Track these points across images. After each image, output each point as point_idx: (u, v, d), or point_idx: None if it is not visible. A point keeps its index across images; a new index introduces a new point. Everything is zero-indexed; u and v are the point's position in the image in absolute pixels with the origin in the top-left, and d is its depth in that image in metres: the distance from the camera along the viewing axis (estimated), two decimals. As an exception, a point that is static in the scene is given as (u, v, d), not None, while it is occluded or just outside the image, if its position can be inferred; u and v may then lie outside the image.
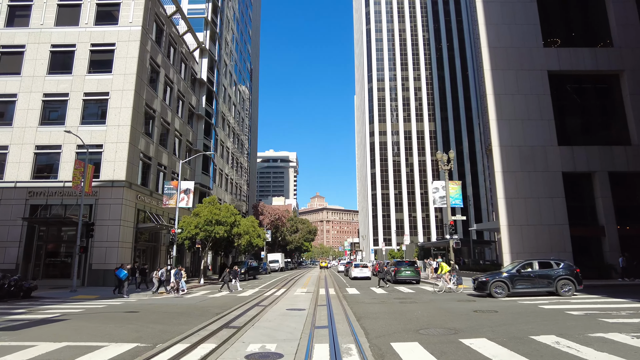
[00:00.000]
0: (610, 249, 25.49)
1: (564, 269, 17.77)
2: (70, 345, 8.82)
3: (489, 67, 28.32)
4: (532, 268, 17.98)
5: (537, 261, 18.37)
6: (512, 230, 26.06)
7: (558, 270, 17.72)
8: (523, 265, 18.13)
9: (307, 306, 15.75)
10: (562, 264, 18.04)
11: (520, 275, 17.71)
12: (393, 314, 13.17)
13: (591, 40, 29.47)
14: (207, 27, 46.95)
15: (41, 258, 27.48)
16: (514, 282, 17.60)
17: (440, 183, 28.32)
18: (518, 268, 17.93)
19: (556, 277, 17.55)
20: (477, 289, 18.30)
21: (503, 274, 18.09)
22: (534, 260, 18.48)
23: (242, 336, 9.68)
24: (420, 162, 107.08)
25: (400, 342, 8.70)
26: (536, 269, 17.91)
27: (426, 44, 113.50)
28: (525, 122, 27.38)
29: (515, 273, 17.77)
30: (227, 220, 32.48)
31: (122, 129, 27.94)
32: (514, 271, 17.87)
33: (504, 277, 17.77)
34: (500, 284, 17.63)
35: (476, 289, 18.34)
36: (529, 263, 18.26)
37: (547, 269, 17.88)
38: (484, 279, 18.14)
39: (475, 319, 11.72)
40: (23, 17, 30.30)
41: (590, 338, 8.56)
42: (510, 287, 17.53)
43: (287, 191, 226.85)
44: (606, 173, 26.62)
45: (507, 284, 17.57)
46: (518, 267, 18.02)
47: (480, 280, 18.23)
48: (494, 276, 18.07)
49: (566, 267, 17.88)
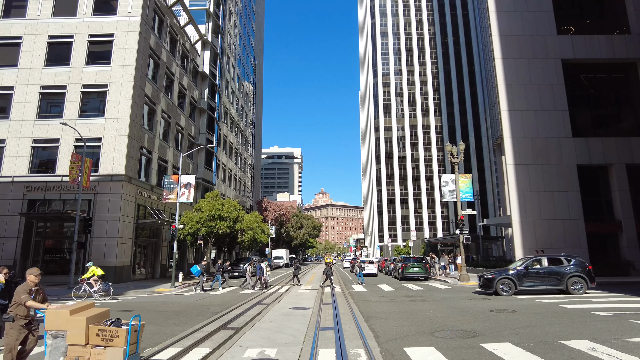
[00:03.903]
0: (628, 244, 24.45)
1: (575, 266, 16.81)
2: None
3: (500, 56, 27.22)
4: (541, 265, 17.08)
5: (546, 257, 17.48)
6: (525, 225, 25.07)
7: (569, 267, 16.78)
8: (532, 261, 17.24)
9: (311, 305, 14.91)
10: (574, 260, 17.08)
11: (528, 272, 16.83)
12: (403, 313, 12.30)
13: (607, 27, 28.28)
14: (209, 19, 46.05)
15: (40, 254, 26.85)
16: (521, 279, 16.73)
17: (450, 176, 27.35)
18: (526, 265, 17.04)
19: (567, 274, 16.61)
20: (482, 286, 17.45)
21: (510, 271, 17.21)
22: (543, 257, 17.61)
23: (240, 339, 8.85)
24: (426, 158, 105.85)
25: (415, 347, 7.83)
26: (545, 266, 17.01)
27: (432, 37, 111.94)
28: (538, 112, 26.30)
29: (523, 270, 16.89)
30: (230, 216, 31.74)
31: (121, 122, 27.17)
32: (521, 268, 16.98)
33: (510, 275, 16.90)
34: (507, 281, 16.75)
35: (482, 286, 17.49)
36: (538, 259, 17.37)
37: (557, 266, 16.95)
38: (489, 276, 17.30)
39: (493, 319, 10.82)
40: (20, 7, 29.53)
41: (630, 344, 7.62)
42: (518, 285, 16.66)
43: (291, 187, 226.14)
44: (623, 165, 25.53)
45: (514, 282, 16.70)
46: (526, 263, 17.13)
47: (486, 277, 17.40)
48: (501, 273, 17.20)
49: (578, 264, 16.91)
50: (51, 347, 5.89)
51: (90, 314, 6.03)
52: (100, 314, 6.19)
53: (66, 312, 5.88)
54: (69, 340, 5.80)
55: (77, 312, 6.00)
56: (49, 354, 5.86)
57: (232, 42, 56.81)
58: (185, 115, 38.29)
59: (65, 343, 5.83)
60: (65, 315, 5.85)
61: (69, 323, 5.82)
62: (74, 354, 5.76)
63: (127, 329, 5.80)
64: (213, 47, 46.52)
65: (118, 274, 25.39)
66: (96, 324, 5.95)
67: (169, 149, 34.40)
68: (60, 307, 6.24)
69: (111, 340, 5.75)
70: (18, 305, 6.21)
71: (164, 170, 33.42)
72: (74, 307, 6.09)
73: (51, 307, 6.17)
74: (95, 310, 6.27)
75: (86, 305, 6.37)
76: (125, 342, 5.73)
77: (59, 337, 5.88)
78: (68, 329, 5.82)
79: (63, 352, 5.85)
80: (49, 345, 5.90)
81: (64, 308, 6.07)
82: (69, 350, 5.80)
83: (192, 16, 39.65)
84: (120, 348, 5.70)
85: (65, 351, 5.84)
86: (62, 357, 5.84)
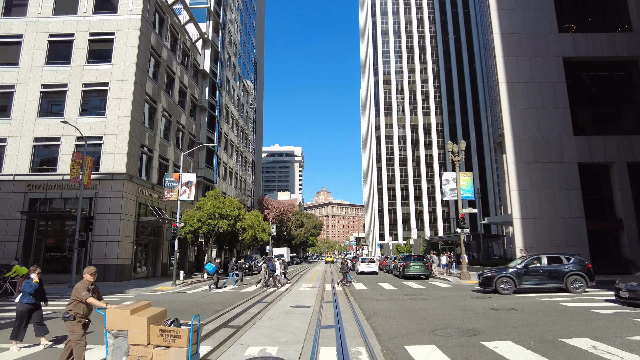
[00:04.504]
0: (629, 243, 24.41)
1: (575, 264, 16.86)
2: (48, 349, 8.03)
3: (501, 54, 27.14)
4: (541, 263, 17.16)
5: (545, 256, 17.56)
6: (526, 224, 25.05)
7: (568, 266, 16.85)
8: (531, 260, 17.33)
9: (312, 303, 14.92)
10: (573, 258, 17.14)
11: (527, 270, 16.89)
12: (404, 312, 12.30)
13: (609, 25, 28.19)
14: (209, 17, 45.97)
15: (41, 252, 26.89)
16: (521, 277, 16.78)
17: (451, 175, 27.32)
18: (526, 263, 17.11)
19: (566, 272, 16.66)
20: (482, 284, 17.46)
21: (509, 269, 17.25)
22: (543, 255, 17.71)
23: (241, 337, 8.85)
24: (427, 156, 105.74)
25: (416, 345, 7.83)
26: (545, 264, 17.08)
27: (433, 36, 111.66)
28: (539, 111, 26.24)
29: (523, 268, 16.95)
30: (230, 214, 31.74)
31: (122, 120, 27.18)
32: (521, 266, 17.05)
33: (510, 273, 16.93)
34: (507, 279, 16.79)
35: (481, 284, 17.50)
36: (537, 258, 17.45)
37: (557, 264, 17.01)
38: (489, 274, 17.34)
39: (494, 318, 10.82)
40: (20, 6, 29.51)
41: (632, 342, 7.62)
42: (517, 283, 16.71)
43: (292, 186, 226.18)
44: (625, 164, 25.48)
45: (513, 280, 16.74)
46: (525, 262, 17.21)
47: (485, 275, 17.44)
48: (500, 271, 17.25)
49: (577, 262, 16.96)
50: (113, 346, 5.80)
51: (150, 313, 5.92)
52: (159, 314, 6.08)
53: (127, 311, 5.80)
54: (130, 340, 5.72)
55: (136, 311, 5.93)
56: (112, 354, 5.78)
57: (232, 40, 56.74)
58: (186, 113, 38.28)
59: (127, 343, 5.75)
60: (126, 315, 5.77)
61: (130, 323, 5.74)
62: (136, 353, 5.68)
63: (189, 329, 5.70)
64: (214, 45, 46.47)
65: (119, 273, 25.44)
66: (156, 323, 5.84)
67: (170, 147, 34.41)
68: (119, 306, 6.11)
69: (173, 340, 5.64)
70: (78, 303, 6.11)
71: (165, 168, 33.44)
72: (133, 307, 5.99)
73: (110, 306, 6.05)
74: (154, 310, 6.15)
75: (144, 304, 6.25)
76: (187, 342, 5.63)
77: (120, 336, 5.79)
78: (129, 329, 5.73)
79: (125, 352, 5.76)
80: (111, 345, 5.81)
81: (124, 307, 5.98)
82: (130, 350, 5.72)
83: (192, 14, 39.63)
84: (183, 349, 5.60)
85: (127, 351, 5.75)
86: (124, 356, 5.75)
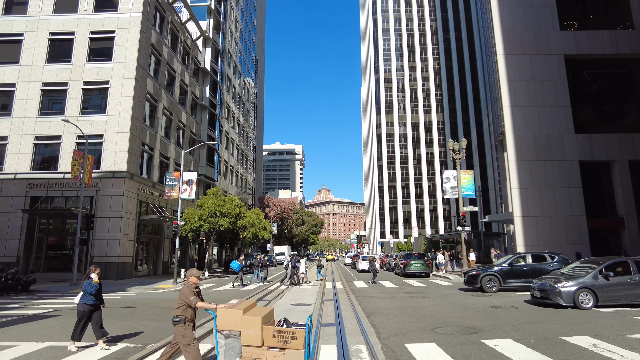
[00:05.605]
0: (630, 241, 24.37)
1: (559, 263, 17.02)
2: (53, 345, 8.07)
3: (502, 52, 27.07)
4: (525, 261, 17.32)
5: (530, 254, 17.80)
6: (527, 222, 25.03)
7: (552, 264, 16.98)
8: (516, 258, 17.55)
9: (312, 301, 14.94)
10: (557, 257, 17.38)
11: (512, 269, 17.03)
12: (405, 310, 12.31)
13: (610, 23, 28.07)
14: (210, 15, 45.90)
15: (42, 251, 26.97)
16: (505, 276, 16.88)
17: (452, 173, 27.30)
18: (510, 261, 17.28)
19: (550, 271, 16.70)
20: (467, 282, 17.63)
21: (495, 267, 17.41)
22: (527, 254, 17.94)
23: (241, 335, 8.86)
24: (428, 154, 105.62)
25: (416, 343, 7.84)
26: (529, 263, 17.22)
27: (434, 33, 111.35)
28: (541, 109, 26.19)
29: (507, 267, 17.09)
30: (231, 212, 31.75)
31: (122, 119, 27.19)
32: (506, 265, 17.20)
33: (495, 271, 17.08)
34: (492, 277, 16.94)
35: (466, 282, 17.66)
36: (522, 256, 17.69)
37: (541, 263, 17.18)
38: (474, 272, 17.55)
39: (494, 316, 10.83)
40: (21, 4, 29.50)
41: (632, 340, 7.62)
42: (502, 281, 16.85)
43: (293, 184, 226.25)
44: (626, 162, 25.42)
45: (498, 278, 16.87)
46: (510, 260, 17.38)
47: (470, 273, 17.67)
48: (485, 270, 17.41)
49: (561, 261, 17.14)
50: (224, 347, 5.59)
51: (262, 313, 5.65)
52: (269, 314, 5.81)
53: (239, 311, 5.55)
54: (243, 341, 5.49)
55: (247, 310, 5.70)
56: (224, 354, 5.58)
57: (233, 38, 56.68)
58: (186, 112, 38.28)
59: (240, 343, 5.52)
60: (239, 315, 5.52)
61: (243, 323, 5.48)
62: (249, 355, 5.43)
63: (305, 329, 5.42)
64: (214, 43, 46.43)
65: (120, 271, 25.50)
66: (268, 324, 5.59)
67: (171, 145, 34.42)
68: (229, 305, 5.85)
69: (289, 342, 5.33)
70: (186, 308, 5.97)
71: (166, 167, 33.46)
72: (243, 306, 5.73)
73: (220, 306, 5.84)
74: (264, 310, 5.85)
75: (251, 304, 5.97)
76: (304, 344, 5.33)
77: (232, 337, 5.56)
78: (242, 329, 5.47)
79: (238, 353, 5.54)
80: (222, 346, 5.60)
81: (234, 307, 5.72)
82: (243, 351, 5.49)
83: (193, 12, 39.57)
84: (299, 351, 5.29)
85: (239, 352, 5.53)
86: (237, 357, 5.54)
